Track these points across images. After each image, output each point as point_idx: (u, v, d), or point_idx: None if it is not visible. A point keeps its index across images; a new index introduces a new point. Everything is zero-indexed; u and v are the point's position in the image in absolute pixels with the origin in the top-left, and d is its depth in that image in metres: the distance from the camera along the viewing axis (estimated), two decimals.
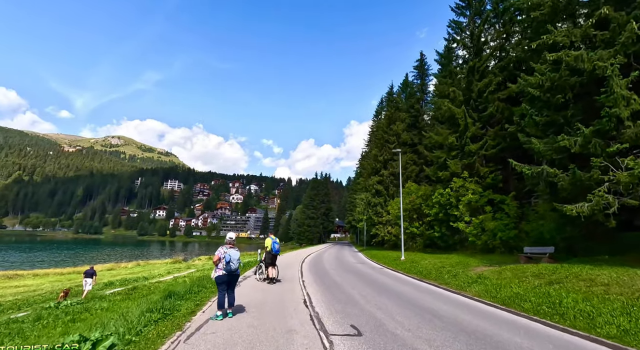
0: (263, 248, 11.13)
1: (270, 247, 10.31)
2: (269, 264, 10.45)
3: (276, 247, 10.33)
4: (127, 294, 12.42)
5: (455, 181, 20.04)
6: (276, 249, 10.29)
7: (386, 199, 33.52)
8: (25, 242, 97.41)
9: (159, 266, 31.96)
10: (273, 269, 10.41)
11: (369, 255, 26.15)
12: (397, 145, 34.36)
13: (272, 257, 10.40)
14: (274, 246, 10.33)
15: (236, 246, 6.36)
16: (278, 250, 10.39)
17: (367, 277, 12.66)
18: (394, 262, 18.51)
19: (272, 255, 10.37)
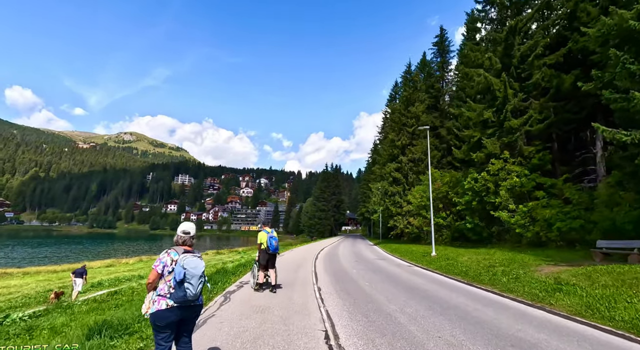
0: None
1: (266, 244, 7.60)
2: (265, 265, 7.80)
3: (274, 243, 7.56)
4: (101, 301, 10.08)
5: (494, 163, 16.99)
6: (274, 246, 7.57)
7: (405, 188, 30.59)
8: (42, 236, 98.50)
9: None
10: (270, 272, 7.79)
11: (388, 250, 23.42)
12: (417, 128, 31.25)
13: (268, 257, 7.71)
14: (270, 242, 7.54)
15: (197, 250, 3.11)
16: (276, 249, 7.65)
17: (400, 281, 9.96)
18: (423, 258, 15.73)
19: (269, 254, 7.66)
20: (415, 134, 31.57)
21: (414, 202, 25.12)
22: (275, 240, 7.69)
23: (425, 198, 24.39)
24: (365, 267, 13.20)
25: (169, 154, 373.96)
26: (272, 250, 7.55)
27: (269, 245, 7.52)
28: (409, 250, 20.85)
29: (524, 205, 14.73)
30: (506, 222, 15.67)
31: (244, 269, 11.92)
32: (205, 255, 37.95)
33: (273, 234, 7.80)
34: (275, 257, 7.82)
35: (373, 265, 14.29)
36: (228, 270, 10.73)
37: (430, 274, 11.54)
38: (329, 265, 13.66)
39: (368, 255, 19.75)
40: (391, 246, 26.14)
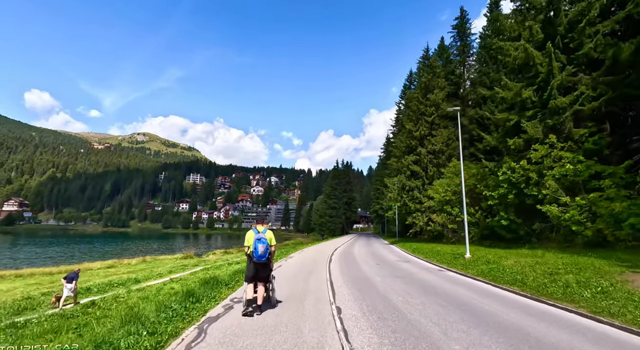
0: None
1: (252, 248, 5.43)
2: (252, 278, 5.56)
3: (259, 249, 5.33)
4: (69, 316, 8.22)
5: (538, 149, 14.46)
6: (258, 253, 5.35)
7: (424, 182, 28.11)
8: (57, 236, 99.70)
9: (166, 262, 28.52)
10: (259, 289, 5.62)
11: (409, 250, 21.10)
12: (436, 117, 28.71)
13: (255, 268, 5.50)
14: (255, 247, 5.35)
15: None
16: (263, 256, 5.39)
17: (442, 294, 7.72)
18: (456, 261, 13.39)
19: (256, 263, 5.47)
20: (434, 123, 29.02)
21: (437, 197, 22.68)
22: (264, 243, 5.41)
23: (450, 192, 21.97)
24: (391, 273, 10.98)
25: (181, 154, 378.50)
26: (256, 258, 5.34)
27: (254, 251, 5.34)
28: (434, 250, 18.48)
29: (582, 197, 12.19)
30: (554, 218, 13.17)
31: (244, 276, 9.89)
32: (212, 255, 36.39)
33: (264, 235, 5.55)
34: (266, 267, 5.53)
35: (398, 270, 12.06)
36: (220, 280, 8.66)
37: (474, 282, 9.25)
38: (346, 270, 11.51)
39: (388, 257, 17.50)
40: (411, 245, 23.78)
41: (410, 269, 12.20)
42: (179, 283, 14.03)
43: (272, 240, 5.62)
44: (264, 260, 5.41)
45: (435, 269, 12.32)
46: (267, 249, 5.43)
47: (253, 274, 5.50)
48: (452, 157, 28.67)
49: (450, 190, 21.88)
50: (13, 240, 64.53)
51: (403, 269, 12.33)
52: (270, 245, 5.56)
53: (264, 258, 5.38)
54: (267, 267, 5.57)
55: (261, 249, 5.33)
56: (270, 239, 5.61)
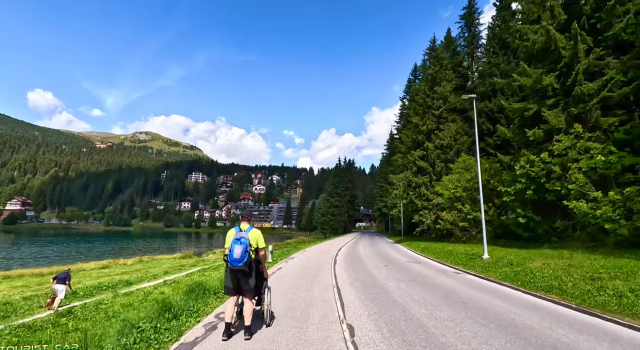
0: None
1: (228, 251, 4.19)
2: (232, 290, 4.32)
3: (235, 251, 4.06)
4: (36, 328, 7.13)
5: (562, 140, 13.21)
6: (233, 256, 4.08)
7: (432, 178, 26.88)
8: (59, 235, 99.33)
9: (163, 262, 27.52)
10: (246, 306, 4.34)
11: (417, 249, 19.92)
12: (444, 110, 27.46)
13: (235, 277, 4.25)
14: (231, 248, 4.12)
15: None
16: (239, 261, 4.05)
17: (468, 303, 6.57)
18: (473, 262, 12.21)
19: (233, 270, 4.19)
20: (442, 117, 27.76)
21: (446, 193, 21.46)
22: (244, 244, 4.08)
23: (461, 188, 20.76)
24: (404, 277, 9.82)
25: (183, 153, 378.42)
26: (231, 263, 4.07)
27: (229, 254, 4.11)
28: (444, 250, 17.28)
29: (616, 192, 10.94)
30: (582, 215, 11.93)
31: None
32: (212, 254, 35.38)
33: (246, 234, 4.25)
34: (247, 276, 4.17)
35: (411, 272, 10.89)
36: (209, 287, 7.50)
37: (501, 288, 8.07)
38: (353, 274, 10.35)
39: (396, 257, 16.33)
40: (418, 245, 22.60)
41: (423, 272, 11.03)
42: (171, 286, 12.96)
43: (258, 242, 4.36)
44: (241, 265, 4.02)
45: (451, 272, 11.14)
46: (247, 252, 4.07)
47: (232, 284, 4.22)
48: (460, 152, 27.41)
49: (461, 186, 20.67)
50: (13, 240, 63.94)
51: (416, 271, 11.16)
52: (253, 248, 4.29)
53: (241, 263, 4.01)
54: (248, 275, 4.19)
55: (237, 251, 4.00)
56: (255, 239, 4.34)
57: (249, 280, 4.19)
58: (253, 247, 4.30)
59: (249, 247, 4.16)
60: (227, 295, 4.44)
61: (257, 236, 4.37)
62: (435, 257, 15.53)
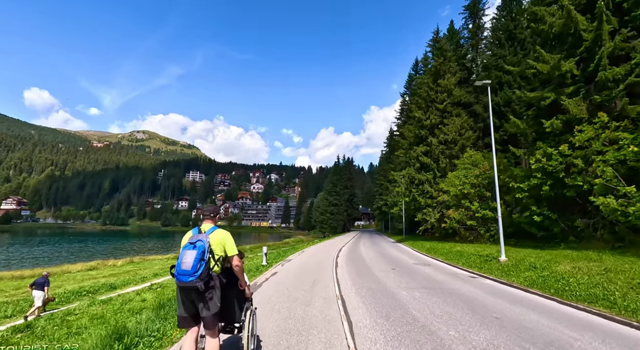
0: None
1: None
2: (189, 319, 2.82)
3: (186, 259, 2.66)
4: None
5: (585, 130, 12.06)
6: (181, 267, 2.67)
7: (436, 175, 25.72)
8: (55, 234, 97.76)
9: (155, 263, 26.30)
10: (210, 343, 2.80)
11: (423, 250, 18.77)
12: (448, 104, 26.31)
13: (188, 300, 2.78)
14: (180, 257, 2.66)
15: None
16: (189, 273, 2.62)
17: (510, 321, 5.41)
18: (489, 265, 11.06)
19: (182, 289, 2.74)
20: (446, 111, 26.58)
21: (452, 190, 20.30)
22: (199, 249, 2.71)
23: (468, 185, 19.61)
24: (416, 283, 8.64)
25: (181, 152, 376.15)
26: (178, 277, 2.71)
27: (176, 264, 2.74)
28: (452, 250, 16.12)
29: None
30: (610, 213, 10.79)
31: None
32: None
33: (206, 236, 2.85)
34: (206, 297, 2.76)
35: (422, 277, 9.71)
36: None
37: (530, 297, 6.91)
38: (358, 279, 9.15)
39: (402, 258, 15.16)
40: (423, 244, 21.45)
41: (435, 276, 9.86)
42: (156, 292, 11.79)
43: (225, 247, 2.95)
44: (192, 280, 2.61)
45: (466, 276, 9.98)
46: (202, 260, 2.68)
47: (185, 310, 2.82)
48: (465, 148, 26.28)
49: (468, 182, 19.51)
50: (4, 240, 62.46)
51: (427, 275, 9.99)
52: (217, 256, 2.89)
53: (192, 277, 2.61)
54: (206, 295, 2.73)
55: (188, 259, 2.63)
56: (219, 243, 2.93)
57: (208, 303, 2.73)
58: (217, 255, 2.89)
59: (209, 255, 2.76)
60: (181, 327, 2.97)
61: (222, 239, 2.94)
62: (444, 258, 14.37)
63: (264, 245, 41.63)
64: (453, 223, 19.91)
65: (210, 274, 2.75)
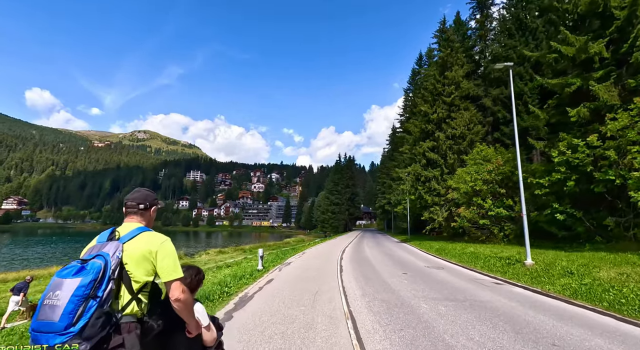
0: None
1: None
2: None
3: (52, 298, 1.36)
4: None
5: (619, 117, 10.77)
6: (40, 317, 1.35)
7: (443, 171, 24.45)
8: (56, 234, 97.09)
9: None
10: None
11: (432, 251, 17.52)
12: (456, 97, 25.03)
13: None
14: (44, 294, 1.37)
15: None
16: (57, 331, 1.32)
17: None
18: (512, 269, 9.81)
19: None
20: (454, 104, 25.28)
21: (462, 187, 19.02)
22: (91, 274, 1.41)
23: (480, 181, 18.32)
24: (435, 292, 7.40)
25: (182, 151, 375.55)
26: (35, 338, 1.34)
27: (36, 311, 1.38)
28: (465, 252, 14.85)
29: None
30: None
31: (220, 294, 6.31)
32: (205, 254, 33.01)
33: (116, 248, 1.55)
34: None
35: (440, 284, 8.47)
36: None
37: (582, 312, 5.66)
38: (368, 288, 7.91)
39: (411, 261, 13.91)
40: (431, 245, 20.18)
41: (455, 282, 8.62)
42: None
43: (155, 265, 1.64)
44: (64, 342, 1.31)
45: (489, 282, 8.74)
46: (89, 298, 1.37)
47: None
48: (474, 143, 25.00)
49: (481, 178, 18.24)
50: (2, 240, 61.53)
51: (445, 282, 8.74)
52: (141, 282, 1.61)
53: (64, 336, 1.31)
54: None
55: (60, 296, 1.34)
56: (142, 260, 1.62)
57: None
58: (137, 282, 1.61)
59: (114, 284, 1.52)
60: None
61: (149, 252, 1.65)
62: (458, 260, 13.12)
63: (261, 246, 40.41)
64: (464, 222, 18.65)
65: (113, 323, 1.47)
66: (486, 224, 18.21)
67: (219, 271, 18.01)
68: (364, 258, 14.97)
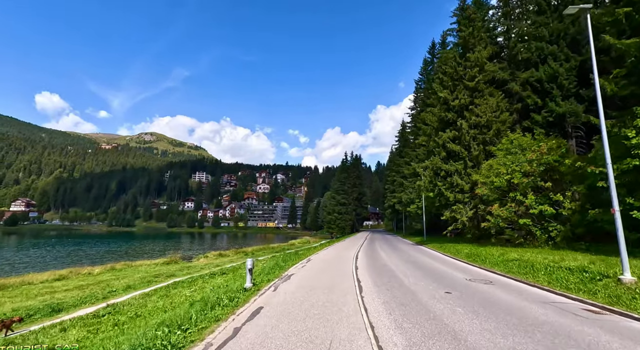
0: None
1: None
2: None
3: None
4: None
5: None
6: None
7: (467, 165, 21.55)
8: (62, 236, 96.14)
9: (140, 269, 22.71)
10: None
11: (461, 256, 14.65)
12: (480, 81, 22.15)
13: None
14: None
15: None
16: None
17: None
18: (605, 288, 6.95)
19: None
20: (477, 90, 22.38)
21: (496, 181, 16.10)
22: None
23: (519, 173, 15.41)
24: (514, 330, 4.64)
25: (188, 153, 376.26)
26: None
27: None
28: (507, 258, 11.98)
29: None
30: None
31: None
32: (204, 258, 30.49)
33: None
34: None
35: (508, 312, 5.68)
36: None
37: None
38: (413, 329, 5.17)
39: (446, 272, 11.07)
40: (457, 249, 17.28)
41: (529, 310, 5.83)
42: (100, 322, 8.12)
43: None
44: None
45: (577, 308, 5.94)
46: None
47: None
48: (500, 133, 22.09)
49: (520, 170, 15.33)
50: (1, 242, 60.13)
51: (512, 308, 5.96)
52: None
53: None
54: None
55: None
56: None
57: None
58: None
59: None
60: None
61: None
62: (506, 271, 10.27)
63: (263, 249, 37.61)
64: (497, 222, 15.69)
65: None
66: (527, 224, 15.28)
67: (209, 281, 15.41)
68: (384, 268, 12.20)
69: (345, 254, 18.17)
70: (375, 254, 17.65)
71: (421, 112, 38.14)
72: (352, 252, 19.01)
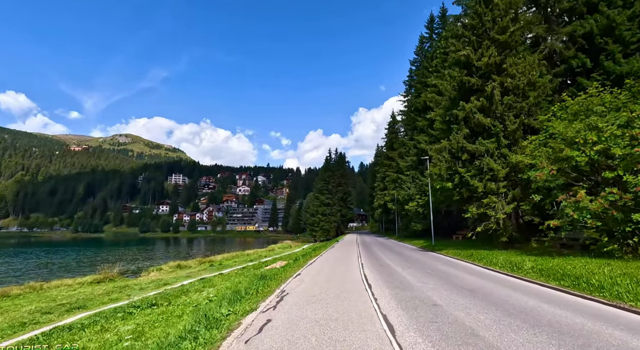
0: None
1: None
2: None
3: None
4: None
5: None
6: None
7: (501, 143, 16.04)
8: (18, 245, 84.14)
9: (54, 293, 15.64)
10: None
11: (522, 273, 8.89)
12: (515, 33, 16.77)
13: None
14: None
15: None
16: None
17: None
18: None
19: None
20: (510, 45, 17.01)
21: (578, 155, 10.50)
22: None
23: (618, 139, 9.85)
24: None
25: (166, 155, 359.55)
26: None
27: None
28: (621, 282, 6.33)
29: None
30: None
31: None
32: (155, 271, 23.43)
33: None
34: None
35: None
36: None
37: None
38: None
39: (526, 304, 5.17)
40: (490, 257, 11.58)
41: None
42: None
43: None
44: None
45: None
46: None
47: None
48: (540, 103, 16.80)
49: (620, 134, 9.77)
50: None
51: None
52: None
53: None
54: None
55: None
56: None
57: None
58: None
59: None
60: None
61: None
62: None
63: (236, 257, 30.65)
64: (584, 216, 10.00)
65: None
66: (620, 219, 9.71)
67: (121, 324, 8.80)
68: (413, 291, 6.20)
69: (338, 268, 12.09)
70: (390, 270, 11.62)
71: (419, 95, 32.89)
72: (354, 266, 12.95)
